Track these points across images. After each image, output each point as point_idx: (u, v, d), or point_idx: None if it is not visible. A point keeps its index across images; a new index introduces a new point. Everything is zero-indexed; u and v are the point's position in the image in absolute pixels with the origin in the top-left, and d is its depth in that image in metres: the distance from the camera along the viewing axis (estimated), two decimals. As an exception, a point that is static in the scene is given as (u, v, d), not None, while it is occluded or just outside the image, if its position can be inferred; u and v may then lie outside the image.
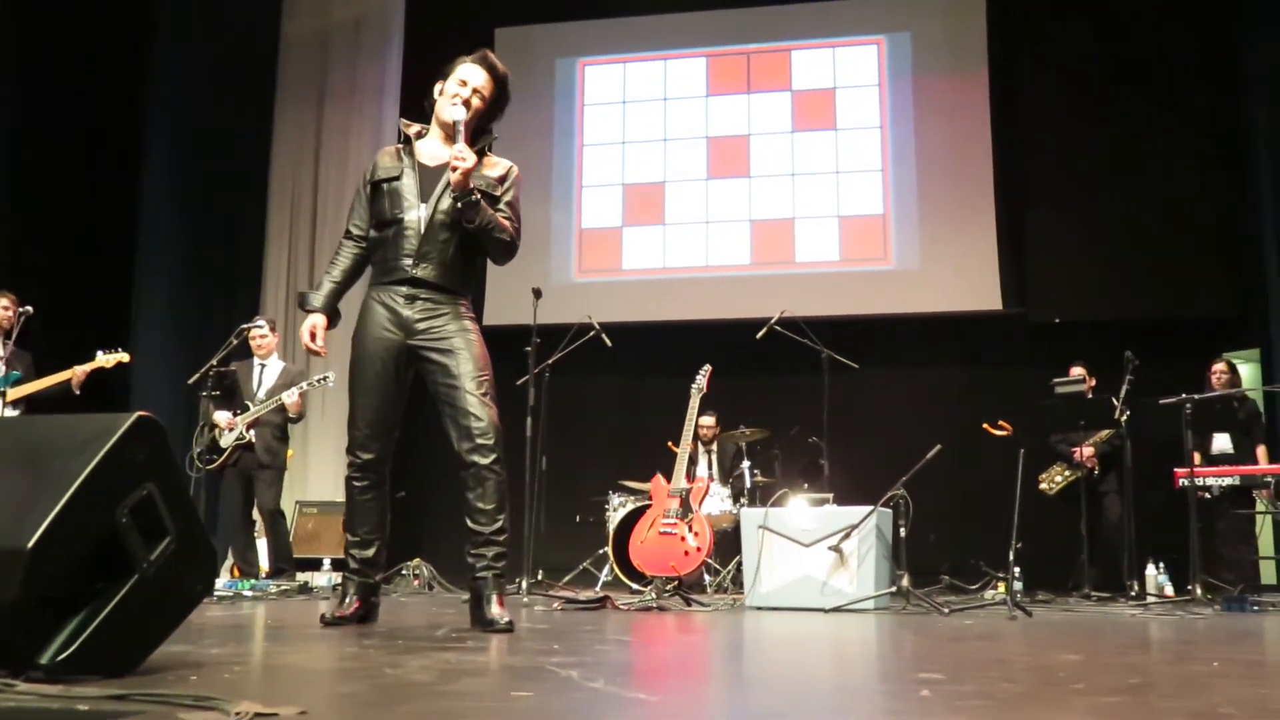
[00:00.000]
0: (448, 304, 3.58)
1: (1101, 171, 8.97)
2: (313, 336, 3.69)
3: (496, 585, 3.47)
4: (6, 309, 6.45)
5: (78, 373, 6.46)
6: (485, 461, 3.46)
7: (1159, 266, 8.76)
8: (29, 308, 6.36)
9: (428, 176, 3.62)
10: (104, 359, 6.54)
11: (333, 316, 3.74)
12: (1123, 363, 6.60)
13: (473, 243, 3.60)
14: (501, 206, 3.63)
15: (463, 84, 3.64)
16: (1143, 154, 8.88)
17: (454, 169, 3.46)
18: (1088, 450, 7.09)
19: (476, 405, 3.47)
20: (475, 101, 3.62)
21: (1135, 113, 8.91)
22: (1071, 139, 9.06)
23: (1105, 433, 7.08)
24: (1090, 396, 6.95)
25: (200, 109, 9.55)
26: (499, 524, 3.49)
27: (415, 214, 3.58)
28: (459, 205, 3.51)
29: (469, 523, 3.50)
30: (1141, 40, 8.95)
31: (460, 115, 3.57)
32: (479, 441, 3.46)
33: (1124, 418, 6.65)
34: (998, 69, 9.37)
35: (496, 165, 3.71)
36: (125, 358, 6.61)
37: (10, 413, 6.20)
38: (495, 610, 3.41)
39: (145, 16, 9.39)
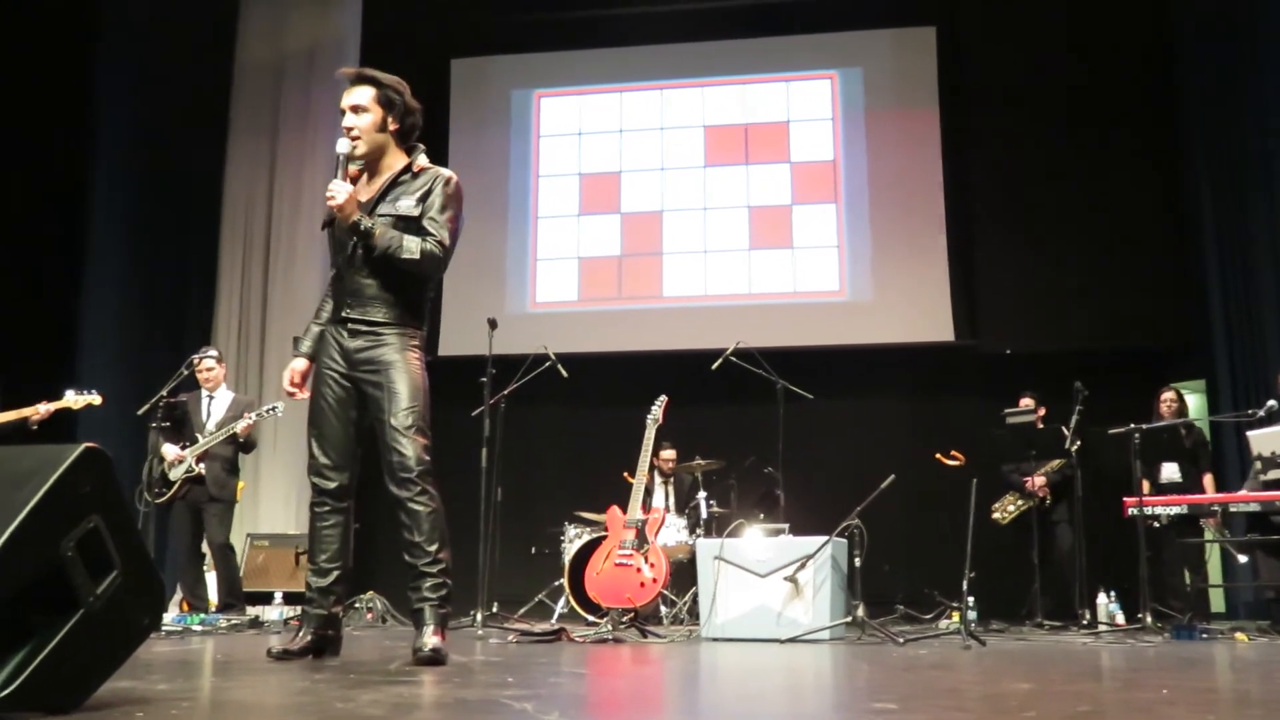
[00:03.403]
0: (390, 335, 3.55)
1: (1049, 205, 9.14)
2: (292, 380, 3.69)
3: (433, 616, 3.43)
4: None
5: (40, 410, 6.27)
6: (407, 495, 3.44)
7: (1107, 299, 8.91)
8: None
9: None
10: (72, 399, 6.35)
11: (316, 359, 3.71)
12: (1072, 393, 6.68)
13: (397, 270, 3.55)
14: (424, 223, 3.56)
15: (343, 112, 3.62)
16: (1089, 188, 9.06)
17: (329, 205, 3.49)
18: (1039, 480, 7.17)
19: (400, 440, 3.45)
20: (362, 121, 3.58)
21: (1081, 148, 9.10)
22: (1020, 173, 9.22)
23: (1056, 462, 7.16)
24: (1040, 426, 7.03)
25: (151, 137, 9.45)
26: (431, 556, 3.45)
27: (344, 254, 3.60)
28: (355, 239, 3.52)
29: (405, 556, 3.48)
30: (1084, 78, 9.15)
31: (343, 149, 3.57)
32: (400, 476, 3.45)
33: (1074, 447, 6.73)
34: (948, 104, 9.52)
35: (422, 178, 3.64)
36: (96, 400, 6.41)
37: None
38: (424, 639, 3.38)
39: (91, 45, 9.29)
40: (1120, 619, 6.67)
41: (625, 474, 7.09)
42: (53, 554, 1.97)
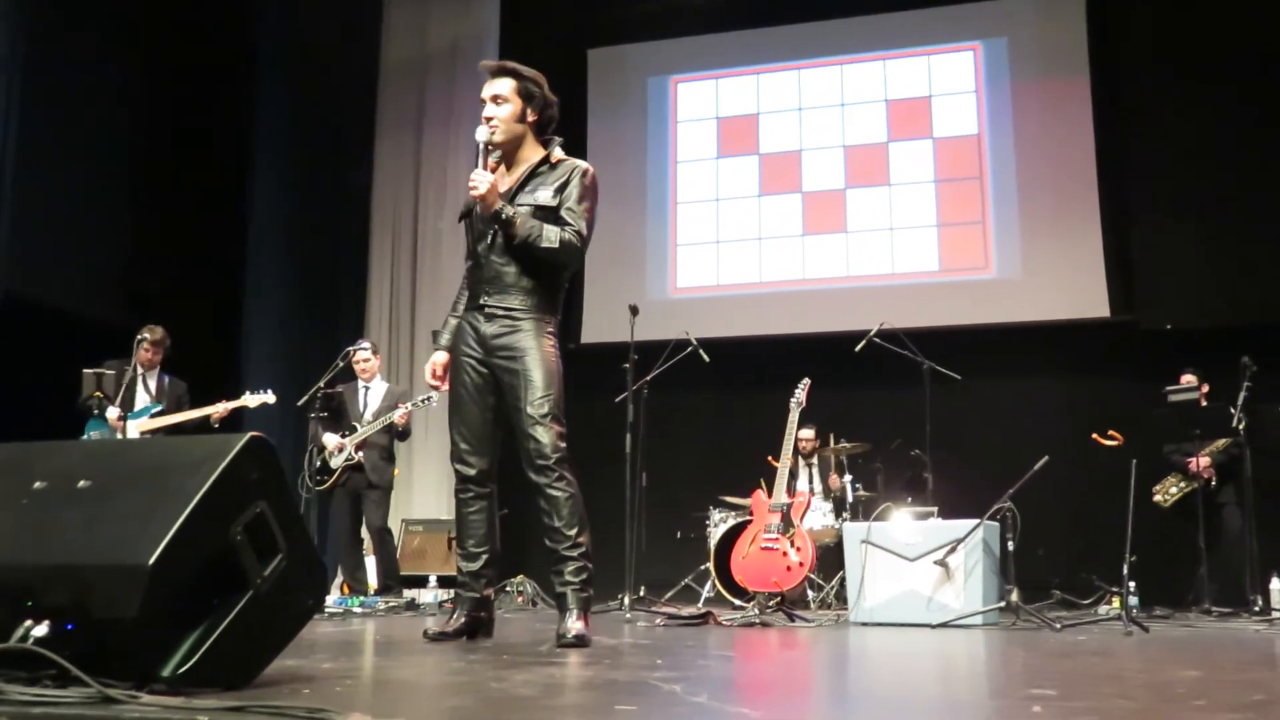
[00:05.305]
0: (526, 322, 3.61)
1: (1213, 171, 8.66)
2: (434, 373, 3.78)
3: (575, 600, 3.49)
4: (148, 350, 6.44)
5: (219, 410, 6.52)
6: (545, 481, 3.50)
7: (1274, 270, 8.42)
8: (145, 336, 6.44)
9: None
10: (249, 399, 6.62)
11: (453, 350, 3.79)
12: (1239, 369, 6.37)
13: (535, 259, 3.61)
14: (562, 213, 3.62)
15: (483, 102, 3.71)
16: (1256, 152, 8.56)
17: (472, 194, 3.56)
18: (1204, 460, 6.85)
19: (535, 428, 3.50)
20: (502, 111, 3.67)
21: (1246, 109, 8.58)
22: (1180, 139, 8.76)
23: (1222, 442, 6.83)
24: (1204, 405, 6.73)
25: (304, 138, 9.81)
26: (571, 540, 3.51)
27: (485, 243, 3.66)
28: (495, 227, 3.58)
29: (546, 541, 3.55)
30: (1250, 36, 8.63)
31: (482, 136, 3.64)
32: (538, 463, 3.51)
33: (1242, 426, 6.42)
34: (1099, 72, 9.13)
35: (559, 169, 3.70)
36: (271, 399, 6.66)
37: None
38: (568, 623, 3.43)
39: (249, 51, 9.69)
40: (1296, 605, 6.35)
41: (769, 458, 7.06)
42: (223, 538, 2.07)
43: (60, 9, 7.94)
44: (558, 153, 3.75)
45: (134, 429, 6.36)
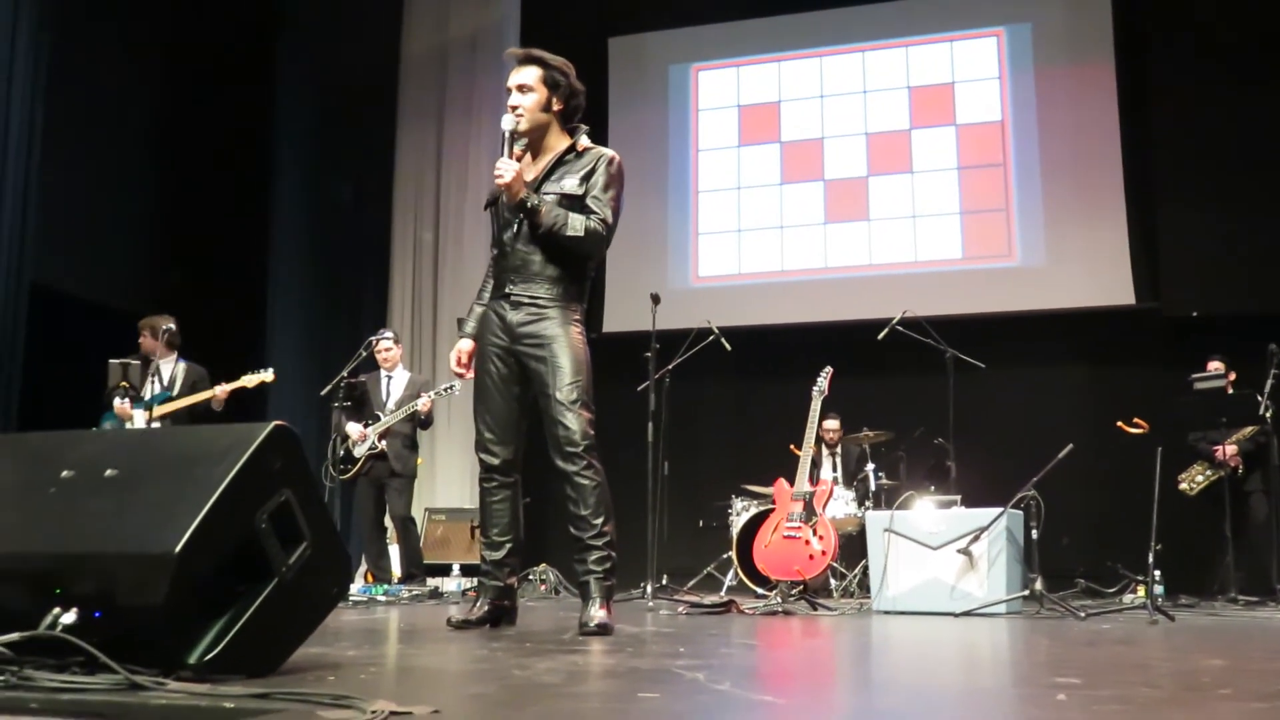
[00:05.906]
0: (552, 309, 3.60)
1: (1239, 158, 8.57)
2: (459, 360, 3.79)
3: (599, 589, 3.49)
4: (146, 338, 6.40)
5: (218, 393, 6.47)
6: (573, 469, 3.50)
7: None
8: (170, 326, 6.46)
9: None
10: (247, 379, 6.59)
11: (479, 338, 3.79)
12: (1266, 356, 6.32)
13: (560, 247, 3.60)
14: (588, 202, 3.60)
15: (508, 91, 3.68)
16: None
17: (497, 183, 3.54)
18: (1230, 449, 6.80)
19: (565, 414, 3.50)
20: (527, 100, 3.64)
21: (1273, 95, 8.48)
22: (1205, 125, 8.67)
23: (1249, 429, 6.79)
24: (1231, 392, 6.68)
25: (326, 129, 9.84)
26: (596, 528, 3.50)
27: (510, 231, 3.65)
28: (520, 215, 3.57)
29: (571, 529, 3.54)
30: (1277, 21, 8.53)
31: (507, 125, 3.61)
32: (566, 449, 3.50)
33: (1269, 413, 6.37)
34: (1124, 57, 9.05)
35: (585, 157, 3.68)
36: (269, 377, 6.61)
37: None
38: (591, 611, 3.43)
39: (271, 44, 9.72)
40: (1323, 594, 6.30)
41: (791, 446, 7.05)
42: (248, 526, 2.08)
43: (85, 7, 7.99)
44: (584, 141, 3.73)
45: (140, 419, 6.35)
